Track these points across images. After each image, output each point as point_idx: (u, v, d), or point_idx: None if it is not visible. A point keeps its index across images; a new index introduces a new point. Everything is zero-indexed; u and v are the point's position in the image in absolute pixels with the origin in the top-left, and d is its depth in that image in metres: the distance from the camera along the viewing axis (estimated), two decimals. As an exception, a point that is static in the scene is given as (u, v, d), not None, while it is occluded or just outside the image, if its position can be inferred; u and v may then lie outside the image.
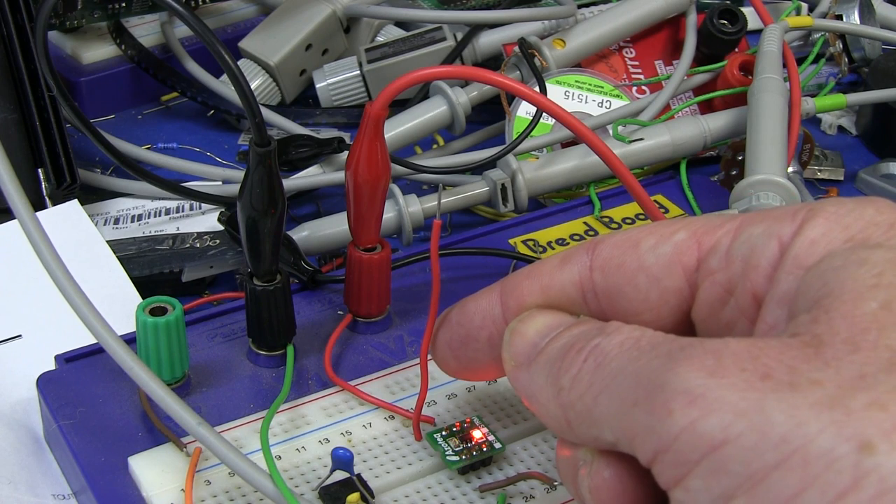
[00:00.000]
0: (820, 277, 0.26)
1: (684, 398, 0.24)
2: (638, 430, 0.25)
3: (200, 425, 0.34)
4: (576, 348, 0.28)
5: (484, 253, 0.47)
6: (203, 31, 0.33)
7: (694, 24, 0.60)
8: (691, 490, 0.24)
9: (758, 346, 0.24)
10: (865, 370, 0.23)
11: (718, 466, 0.23)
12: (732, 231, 0.28)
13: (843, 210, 0.27)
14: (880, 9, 0.68)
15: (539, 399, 0.29)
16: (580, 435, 0.28)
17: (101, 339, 0.35)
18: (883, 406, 0.22)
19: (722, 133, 0.55)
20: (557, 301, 0.31)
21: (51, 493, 0.39)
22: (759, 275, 0.27)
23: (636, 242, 0.30)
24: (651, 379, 0.25)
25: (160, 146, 0.60)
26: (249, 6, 0.69)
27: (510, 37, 0.61)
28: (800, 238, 0.27)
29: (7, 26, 0.51)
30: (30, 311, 0.45)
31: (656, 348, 0.26)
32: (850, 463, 0.22)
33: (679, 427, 0.24)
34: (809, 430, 0.22)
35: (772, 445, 0.23)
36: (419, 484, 0.36)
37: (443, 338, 0.34)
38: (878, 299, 0.24)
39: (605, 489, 0.27)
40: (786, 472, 0.22)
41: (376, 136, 0.37)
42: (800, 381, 0.23)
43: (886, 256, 0.25)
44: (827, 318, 0.24)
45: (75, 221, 0.49)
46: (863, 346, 0.23)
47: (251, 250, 0.38)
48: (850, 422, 0.22)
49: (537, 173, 0.52)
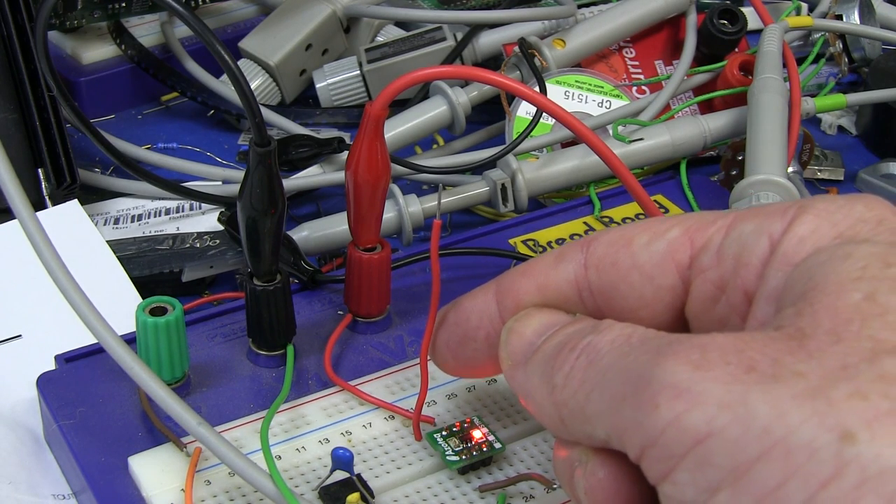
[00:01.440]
0: (806, 272, 0.26)
1: (670, 392, 0.24)
2: (626, 426, 0.25)
3: (200, 425, 0.34)
4: (569, 346, 0.28)
5: (484, 253, 0.47)
6: (203, 31, 0.33)
7: (694, 24, 0.60)
8: (678, 483, 0.24)
9: (743, 339, 0.25)
10: (848, 361, 0.23)
11: (704, 459, 0.23)
12: (724, 228, 0.28)
13: (833, 207, 0.27)
14: (880, 9, 0.68)
15: (534, 397, 0.29)
16: (574, 432, 0.28)
17: (102, 338, 0.35)
18: (864, 396, 0.22)
19: (722, 133, 0.55)
20: (554, 299, 0.31)
21: (51, 493, 0.39)
22: (750, 272, 0.27)
23: (630, 240, 0.30)
24: (639, 374, 0.25)
25: (160, 146, 0.60)
26: (249, 6, 0.69)
27: (510, 37, 0.61)
28: (789, 235, 0.27)
29: (7, 26, 0.51)
30: (30, 311, 0.45)
31: (646, 344, 0.26)
32: (831, 453, 0.22)
33: (665, 421, 0.24)
34: (791, 420, 0.22)
35: (755, 437, 0.23)
36: (419, 484, 0.36)
37: (440, 338, 0.34)
38: (861, 291, 0.24)
39: (599, 490, 0.27)
40: (768, 464, 0.23)
41: (376, 136, 0.37)
42: (783, 373, 0.23)
43: (872, 250, 0.25)
44: (811, 310, 0.24)
45: (75, 221, 0.49)
46: (845, 337, 0.24)
47: (251, 250, 0.38)
48: (831, 412, 0.22)
49: (537, 173, 0.52)
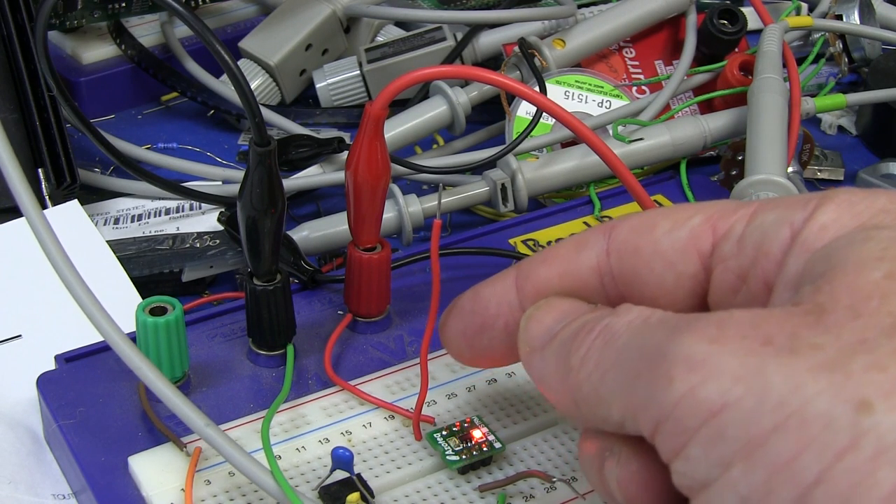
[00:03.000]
0: (825, 255, 0.26)
1: (685, 365, 0.24)
2: (640, 402, 0.25)
3: (208, 426, 0.34)
4: (586, 329, 0.28)
5: (484, 253, 0.47)
6: (203, 31, 0.33)
7: (694, 24, 0.60)
8: (691, 459, 0.24)
9: (761, 315, 0.24)
10: (866, 335, 0.23)
11: (718, 432, 0.23)
12: (746, 217, 0.28)
13: (856, 198, 0.27)
14: (880, 9, 0.68)
15: (550, 382, 0.29)
16: (589, 417, 0.28)
17: (110, 338, 0.34)
18: (883, 368, 0.22)
19: (722, 133, 0.55)
20: (575, 286, 0.31)
21: (51, 493, 0.39)
22: (771, 261, 0.27)
23: (652, 226, 0.30)
24: (655, 350, 0.25)
25: (160, 146, 0.60)
26: (249, 6, 0.69)
27: (510, 37, 0.61)
28: (810, 224, 0.27)
29: (7, 26, 0.51)
30: (30, 311, 0.45)
31: (664, 323, 0.26)
32: (847, 423, 0.22)
33: (679, 393, 0.24)
34: (807, 392, 0.22)
35: (770, 409, 0.23)
36: (419, 484, 0.36)
37: (456, 327, 0.33)
38: (882, 269, 0.24)
39: (633, 482, 0.27)
40: (783, 435, 0.22)
41: (376, 135, 0.37)
42: (800, 346, 0.23)
43: (893, 234, 0.25)
44: (830, 287, 0.24)
45: (75, 221, 0.49)
46: (864, 313, 0.23)
47: (251, 250, 0.38)
48: (848, 383, 0.22)
49: (537, 173, 0.52)
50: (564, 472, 0.36)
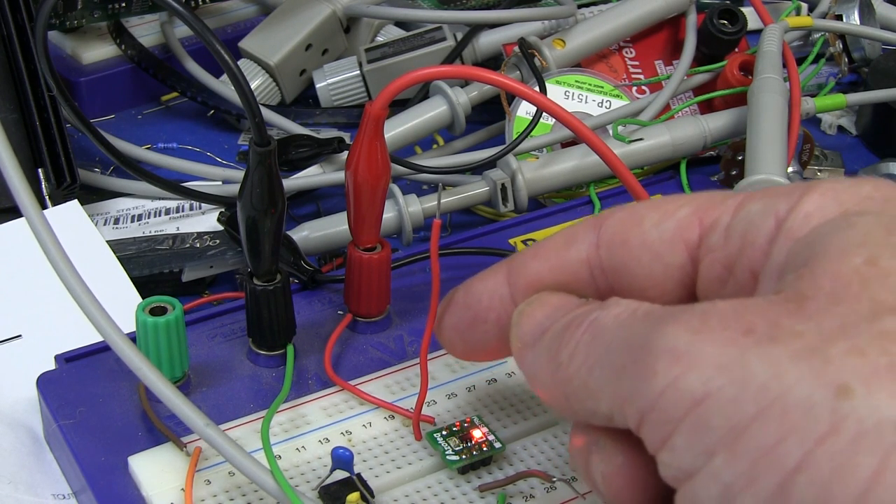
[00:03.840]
0: (808, 243, 0.26)
1: (668, 357, 0.24)
2: (626, 395, 0.25)
3: (208, 426, 0.34)
4: (575, 324, 0.28)
5: (484, 253, 0.47)
6: (203, 31, 0.33)
7: (694, 24, 0.60)
8: (676, 449, 0.24)
9: (743, 304, 0.25)
10: (846, 320, 0.23)
11: (701, 422, 0.23)
12: (733, 208, 0.28)
13: (840, 186, 0.27)
14: (880, 9, 0.68)
15: (540, 378, 0.29)
16: (578, 411, 0.28)
17: (110, 338, 0.34)
18: (862, 352, 0.22)
19: (722, 133, 0.55)
20: (566, 280, 0.31)
21: (51, 493, 0.39)
22: (756, 251, 0.27)
23: (640, 219, 0.30)
24: (640, 343, 0.25)
25: (160, 146, 0.60)
26: (249, 6, 0.69)
27: (510, 37, 0.61)
28: (795, 212, 0.27)
29: (7, 26, 0.51)
30: (30, 311, 0.45)
31: (649, 316, 0.26)
32: (827, 408, 0.22)
33: (662, 385, 0.24)
34: (788, 379, 0.22)
35: (751, 397, 0.23)
36: (419, 483, 0.36)
37: (449, 321, 0.33)
38: (862, 255, 0.24)
39: (618, 476, 0.27)
40: (765, 423, 0.23)
41: (376, 135, 0.37)
42: (781, 334, 0.23)
43: (875, 220, 0.25)
44: (811, 274, 0.24)
45: (75, 221, 0.49)
46: (845, 299, 0.23)
47: (251, 250, 0.38)
48: (828, 369, 0.22)
49: (537, 173, 0.52)
50: (564, 472, 0.36)
